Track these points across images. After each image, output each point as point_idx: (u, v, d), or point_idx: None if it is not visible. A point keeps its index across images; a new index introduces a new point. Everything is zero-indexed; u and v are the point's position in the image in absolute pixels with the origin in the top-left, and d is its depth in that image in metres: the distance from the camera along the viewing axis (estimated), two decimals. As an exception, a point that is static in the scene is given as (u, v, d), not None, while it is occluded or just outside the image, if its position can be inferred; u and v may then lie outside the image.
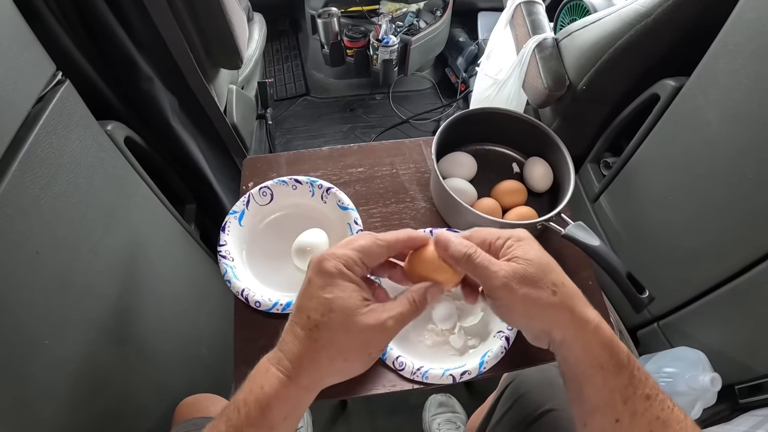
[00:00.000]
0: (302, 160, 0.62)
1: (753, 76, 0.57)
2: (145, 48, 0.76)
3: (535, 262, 0.28)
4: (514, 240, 0.30)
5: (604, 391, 0.28)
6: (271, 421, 0.26)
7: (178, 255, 0.82)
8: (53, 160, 0.51)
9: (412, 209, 0.56)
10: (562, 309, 0.28)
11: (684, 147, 0.69)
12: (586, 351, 0.28)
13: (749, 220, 0.62)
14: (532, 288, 0.28)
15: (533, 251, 0.29)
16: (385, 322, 0.27)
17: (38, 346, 0.48)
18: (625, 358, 0.28)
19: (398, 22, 1.32)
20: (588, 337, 0.28)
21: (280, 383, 0.27)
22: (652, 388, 0.28)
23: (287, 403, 0.27)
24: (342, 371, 0.28)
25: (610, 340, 0.28)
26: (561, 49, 0.81)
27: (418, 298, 0.30)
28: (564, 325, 0.28)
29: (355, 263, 0.29)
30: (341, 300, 0.27)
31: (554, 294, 0.28)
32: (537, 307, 0.28)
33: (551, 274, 0.28)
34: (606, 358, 0.28)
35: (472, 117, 0.56)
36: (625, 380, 0.27)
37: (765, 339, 0.66)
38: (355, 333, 0.27)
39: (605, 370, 0.28)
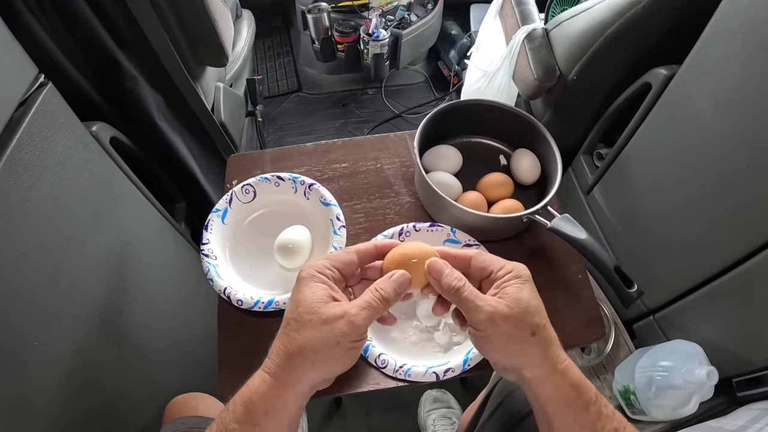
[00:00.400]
0: (286, 157, 0.61)
1: (745, 62, 0.56)
2: (128, 47, 0.76)
3: (523, 303, 0.30)
4: (513, 276, 0.31)
5: (573, 426, 0.30)
6: (253, 417, 0.28)
7: (167, 253, 0.82)
8: (38, 163, 0.51)
9: (397, 204, 0.55)
10: (538, 349, 0.30)
11: (677, 136, 0.68)
12: (556, 390, 0.30)
13: (743, 209, 0.60)
14: (513, 326, 0.29)
15: (525, 292, 0.30)
16: (349, 311, 0.29)
17: (29, 347, 0.48)
18: (593, 396, 0.30)
19: (389, 16, 1.30)
20: (557, 377, 0.30)
21: (261, 380, 0.29)
22: (619, 422, 0.30)
23: (267, 399, 0.28)
24: (316, 364, 0.29)
25: (578, 380, 0.30)
26: (551, 39, 0.80)
27: (383, 287, 0.31)
28: (536, 364, 0.30)
29: (326, 268, 0.31)
30: (307, 296, 0.30)
31: (533, 335, 0.30)
32: (514, 344, 0.30)
33: (535, 317, 0.30)
34: (574, 396, 0.30)
35: (456, 110, 0.54)
36: (593, 416, 0.29)
37: (762, 331, 0.65)
38: (319, 324, 0.29)
39: (574, 407, 0.30)
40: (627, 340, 0.88)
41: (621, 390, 0.81)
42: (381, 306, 0.30)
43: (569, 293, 0.52)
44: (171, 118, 0.85)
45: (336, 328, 0.28)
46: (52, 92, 0.55)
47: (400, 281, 0.31)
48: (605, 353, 0.86)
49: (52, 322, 0.52)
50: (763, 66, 0.54)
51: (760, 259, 0.61)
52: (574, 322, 0.50)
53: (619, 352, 0.87)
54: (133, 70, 0.76)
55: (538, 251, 0.53)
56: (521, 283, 0.31)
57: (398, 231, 0.49)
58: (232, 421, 0.28)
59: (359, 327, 0.29)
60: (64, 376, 0.52)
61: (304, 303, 0.29)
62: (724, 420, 0.71)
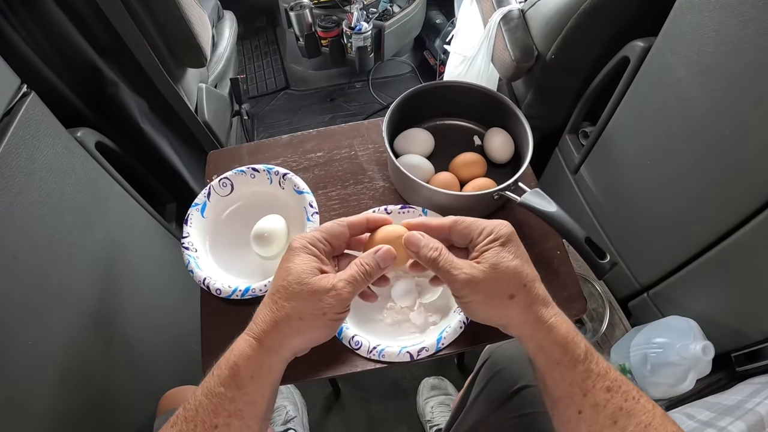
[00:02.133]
0: (263, 150, 0.61)
1: (719, 27, 0.55)
2: (108, 54, 0.77)
3: (500, 267, 0.30)
4: (492, 239, 0.31)
5: (562, 384, 0.30)
6: (239, 379, 0.29)
7: (158, 253, 0.83)
8: (24, 169, 0.53)
9: (371, 189, 0.55)
10: (517, 310, 0.30)
11: (658, 108, 0.67)
12: (541, 348, 0.30)
13: (729, 179, 0.59)
14: (489, 291, 0.30)
15: (503, 255, 0.30)
16: (336, 284, 0.30)
17: (23, 348, 0.50)
18: (582, 353, 0.29)
19: (371, 9, 1.30)
20: (541, 335, 0.30)
21: (246, 344, 0.30)
22: (613, 381, 0.29)
23: (252, 362, 0.29)
24: (300, 332, 0.30)
25: (563, 337, 0.30)
26: (527, 19, 0.79)
27: (367, 261, 0.31)
28: (518, 324, 0.31)
29: (318, 240, 0.32)
30: (297, 266, 0.30)
31: (511, 298, 0.30)
32: (493, 309, 0.31)
33: (512, 280, 0.30)
34: (560, 354, 0.29)
35: (424, 93, 0.54)
36: (583, 374, 0.29)
37: (757, 303, 0.64)
38: (307, 294, 0.29)
39: (561, 365, 0.29)
40: (622, 319, 0.88)
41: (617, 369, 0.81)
42: (365, 280, 0.31)
43: (548, 270, 0.51)
44: (155, 121, 0.86)
45: (324, 300, 0.29)
46: (36, 101, 0.57)
47: (384, 256, 0.32)
48: (600, 333, 0.85)
49: (45, 323, 0.53)
50: (738, 29, 0.53)
51: (749, 229, 0.60)
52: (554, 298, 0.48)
53: (615, 331, 0.87)
54: (114, 75, 0.78)
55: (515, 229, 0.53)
56: (500, 245, 0.31)
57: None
58: (217, 384, 0.29)
59: (345, 300, 0.30)
60: (58, 375, 0.54)
61: (294, 273, 0.30)
62: (723, 395, 0.70)
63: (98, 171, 0.72)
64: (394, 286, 0.47)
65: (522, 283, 0.30)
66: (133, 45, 0.77)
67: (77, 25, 0.72)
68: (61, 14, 0.69)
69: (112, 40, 0.76)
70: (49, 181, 0.57)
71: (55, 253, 0.57)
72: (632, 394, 0.29)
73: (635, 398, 0.29)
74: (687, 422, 0.64)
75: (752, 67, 0.52)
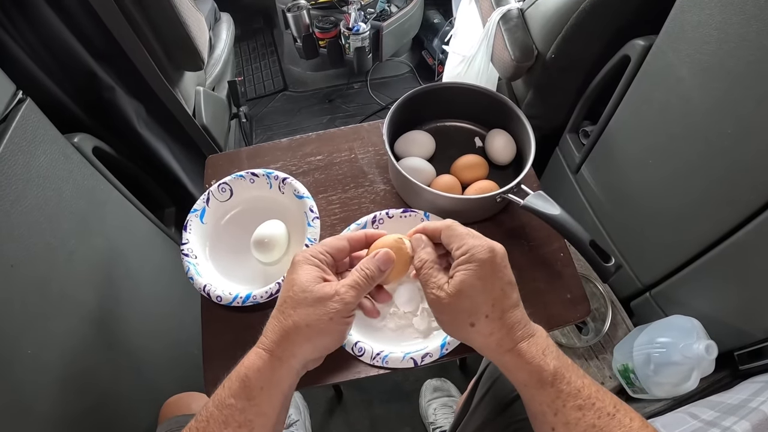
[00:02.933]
0: (262, 154, 0.61)
1: (721, 26, 0.55)
2: (104, 58, 0.77)
3: (463, 294, 0.30)
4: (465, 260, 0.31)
5: (532, 403, 0.31)
6: (249, 390, 0.29)
7: (157, 258, 0.83)
8: (21, 176, 0.53)
9: (372, 192, 0.55)
10: (477, 337, 0.31)
11: (659, 107, 0.67)
12: (507, 371, 0.31)
13: (731, 178, 0.59)
14: (451, 316, 0.31)
15: (470, 281, 0.30)
16: (338, 289, 0.31)
17: (23, 356, 0.49)
18: (549, 376, 0.29)
19: (369, 9, 1.30)
20: (505, 360, 0.30)
21: (257, 356, 0.30)
22: (586, 399, 0.29)
23: (262, 374, 0.30)
24: (309, 339, 0.30)
25: (528, 363, 0.30)
26: (527, 18, 0.78)
27: (368, 266, 0.32)
28: (480, 348, 0.32)
29: (320, 252, 0.33)
30: (301, 277, 0.31)
31: (472, 325, 0.30)
32: (456, 331, 0.32)
33: (474, 310, 0.30)
34: (525, 378, 0.30)
35: (424, 95, 0.54)
36: (552, 395, 0.29)
37: (760, 302, 0.64)
38: (312, 301, 0.30)
39: (528, 387, 0.30)
40: (625, 318, 0.87)
41: (620, 369, 0.80)
42: (367, 283, 0.32)
43: (551, 272, 0.51)
44: (152, 125, 0.86)
45: (328, 305, 0.30)
46: (31, 107, 0.56)
47: (383, 259, 0.33)
48: (603, 333, 0.85)
49: (45, 331, 0.53)
50: (739, 28, 0.52)
51: (752, 228, 0.59)
52: (558, 300, 0.50)
53: (618, 330, 0.86)
54: (110, 80, 0.77)
55: (518, 231, 0.53)
56: (472, 268, 0.30)
57: (371, 219, 0.49)
58: (228, 396, 0.29)
59: (349, 304, 0.31)
60: (59, 383, 0.54)
61: (299, 283, 0.31)
62: (726, 394, 0.69)
63: (96, 176, 0.71)
64: (397, 292, 0.46)
65: (485, 313, 0.30)
66: (129, 49, 0.76)
67: (73, 29, 0.71)
68: (57, 19, 0.69)
69: (108, 44, 0.75)
70: (46, 187, 0.57)
71: (53, 261, 0.57)
72: (607, 410, 0.29)
73: (610, 414, 0.29)
74: (691, 422, 0.64)
75: (754, 65, 0.51)
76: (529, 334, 0.31)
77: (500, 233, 0.52)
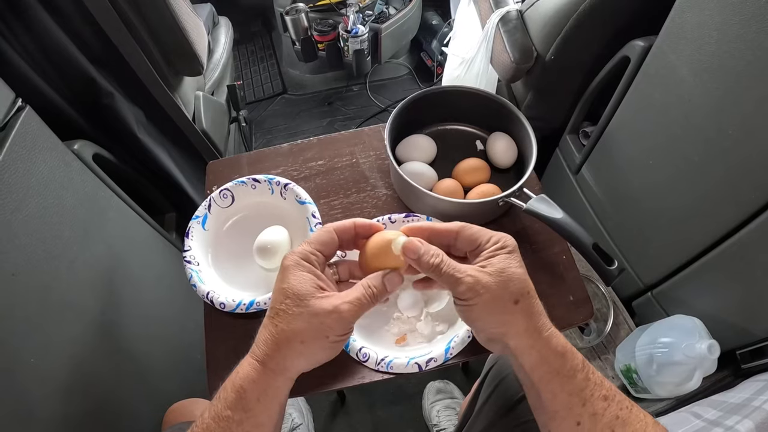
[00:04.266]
0: (263, 159, 0.61)
1: (721, 26, 0.55)
2: (102, 64, 0.76)
3: (507, 272, 0.30)
4: (499, 247, 0.31)
5: (562, 395, 0.29)
6: (245, 402, 0.29)
7: (158, 263, 0.82)
8: (21, 184, 0.52)
9: (373, 197, 0.55)
10: (521, 317, 0.30)
11: (659, 108, 0.67)
12: (541, 357, 0.30)
13: (732, 178, 0.59)
14: (496, 294, 0.29)
15: (510, 262, 0.30)
16: (339, 306, 0.29)
17: (25, 365, 0.49)
18: (580, 362, 0.29)
19: (367, 11, 1.30)
20: (542, 344, 0.30)
21: (251, 367, 0.29)
22: (609, 390, 0.29)
23: (258, 385, 0.29)
24: (302, 354, 0.29)
25: (563, 347, 0.30)
26: (526, 20, 0.79)
27: (375, 284, 0.31)
28: (519, 332, 0.30)
29: (311, 253, 0.31)
30: (295, 287, 0.29)
31: (516, 303, 0.29)
32: (497, 313, 0.30)
33: (519, 285, 0.30)
34: (560, 363, 0.29)
35: (425, 98, 0.54)
36: (582, 383, 0.29)
37: (761, 302, 0.64)
38: (308, 316, 0.29)
39: (561, 375, 0.29)
40: (627, 319, 0.87)
41: (623, 369, 0.80)
42: (370, 303, 0.30)
43: (554, 275, 0.51)
44: (152, 131, 0.86)
45: (325, 323, 0.29)
46: (31, 115, 0.56)
47: (394, 282, 0.31)
48: (605, 333, 0.85)
49: (47, 339, 0.53)
50: (739, 28, 0.52)
51: (753, 227, 0.59)
52: (561, 303, 0.50)
53: (620, 331, 0.86)
54: (109, 86, 0.77)
55: (520, 235, 0.53)
56: (507, 253, 0.31)
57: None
58: (224, 408, 0.29)
59: (348, 322, 0.29)
60: (62, 390, 0.54)
61: (293, 295, 0.29)
62: (729, 393, 0.70)
63: (96, 183, 0.71)
64: (400, 297, 0.46)
65: (526, 290, 0.30)
66: (128, 54, 0.76)
67: (71, 35, 0.71)
68: (54, 25, 0.69)
69: (106, 50, 0.75)
70: (46, 195, 0.57)
71: (55, 269, 0.57)
72: (625, 403, 0.29)
73: (628, 407, 0.29)
74: (694, 421, 0.64)
75: (754, 65, 0.51)
76: (551, 323, 0.31)
77: (503, 237, 0.52)
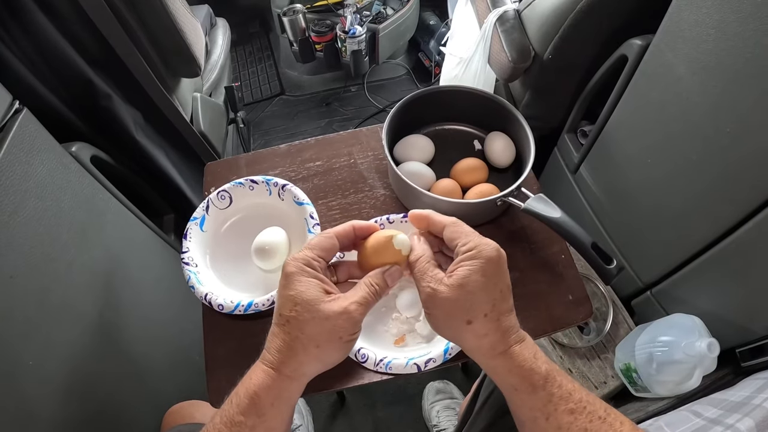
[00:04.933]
0: (261, 160, 0.61)
1: (718, 24, 0.55)
2: (100, 66, 0.76)
3: (465, 288, 0.29)
4: (469, 256, 0.30)
5: (523, 409, 0.30)
6: (259, 408, 0.29)
7: (157, 265, 0.82)
8: (19, 187, 0.52)
9: (372, 198, 0.55)
10: (470, 337, 0.30)
11: (657, 106, 0.67)
12: (496, 376, 0.30)
13: (731, 176, 0.59)
14: (448, 311, 0.29)
15: (474, 277, 0.29)
16: (348, 307, 0.29)
17: (24, 367, 0.49)
18: (540, 379, 0.29)
19: (365, 12, 1.30)
20: (495, 364, 0.30)
21: (265, 374, 0.30)
22: (577, 403, 0.29)
23: (272, 391, 0.29)
24: (318, 358, 0.30)
25: (519, 366, 0.29)
26: (523, 19, 0.79)
27: (376, 281, 0.31)
28: (471, 350, 0.30)
29: (313, 259, 0.31)
30: (303, 294, 0.30)
31: (468, 323, 0.29)
32: (449, 329, 0.31)
33: (476, 305, 0.29)
34: (516, 381, 0.29)
35: (423, 98, 0.54)
36: (543, 399, 0.29)
37: (760, 299, 0.64)
38: (320, 321, 0.29)
39: (519, 391, 0.29)
40: (626, 318, 0.87)
41: (622, 368, 0.80)
42: (374, 299, 0.31)
43: (553, 274, 0.51)
44: (150, 132, 0.85)
45: (338, 325, 0.29)
46: (28, 117, 0.56)
47: (394, 276, 0.32)
48: (604, 332, 0.85)
49: (46, 341, 0.53)
50: (737, 26, 0.52)
51: (752, 225, 0.59)
52: (560, 302, 0.50)
53: (619, 330, 0.86)
54: (107, 87, 0.77)
55: (518, 234, 0.53)
56: (478, 264, 0.29)
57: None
58: (237, 413, 0.29)
59: (357, 321, 0.30)
60: (61, 393, 0.54)
61: (302, 301, 0.29)
62: (729, 391, 0.69)
63: (94, 185, 0.71)
64: (399, 297, 0.46)
65: (484, 312, 0.29)
66: (125, 56, 0.76)
67: (68, 37, 0.71)
68: (51, 26, 0.68)
69: (104, 51, 0.75)
70: (44, 198, 0.57)
71: (53, 272, 0.57)
72: (598, 414, 0.29)
73: (601, 417, 0.28)
74: (694, 420, 0.64)
75: (752, 63, 0.51)
76: (520, 339, 0.30)
77: (501, 236, 0.52)
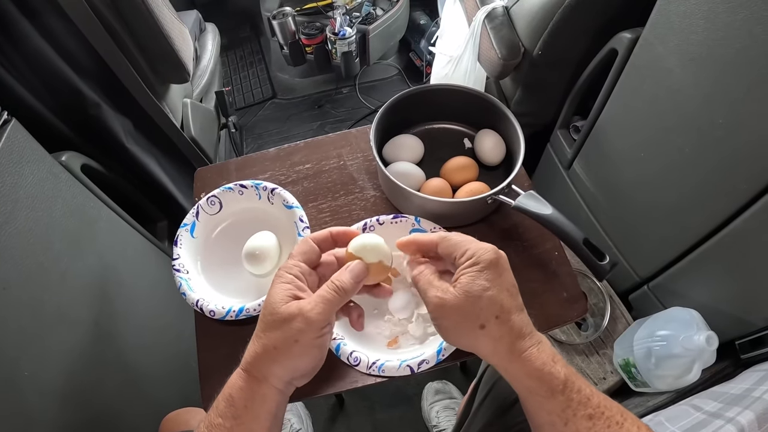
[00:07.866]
0: (250, 164, 0.60)
1: (708, 15, 0.54)
2: (88, 75, 0.76)
3: (473, 294, 0.29)
4: (471, 263, 0.30)
5: (541, 412, 0.29)
6: (234, 410, 0.30)
7: (151, 272, 0.82)
8: (9, 198, 0.52)
9: (362, 199, 0.54)
10: (487, 342, 0.29)
11: (649, 99, 0.66)
12: (514, 379, 0.30)
13: (725, 168, 0.59)
14: (460, 318, 0.29)
15: (479, 282, 0.29)
16: (303, 307, 0.29)
17: (21, 377, 0.49)
18: (560, 384, 0.29)
19: (354, 13, 1.29)
20: (514, 367, 0.29)
21: (238, 376, 0.31)
22: (595, 408, 0.28)
23: (244, 392, 0.30)
24: (277, 361, 0.30)
25: (538, 369, 0.29)
26: (512, 16, 0.78)
27: (338, 277, 0.31)
28: (487, 355, 0.30)
29: (292, 265, 0.32)
30: (269, 298, 0.31)
31: (482, 327, 0.29)
32: (462, 337, 0.30)
33: (486, 309, 0.29)
34: (535, 385, 0.29)
35: (410, 98, 0.53)
36: (562, 404, 0.28)
37: (758, 291, 0.64)
38: (278, 323, 0.30)
39: (537, 395, 0.29)
40: (624, 313, 0.87)
41: (621, 363, 0.80)
42: (338, 297, 0.30)
43: (547, 272, 0.50)
44: (140, 140, 0.85)
45: (293, 327, 0.29)
46: (17, 128, 0.56)
47: (356, 271, 0.32)
48: (602, 328, 0.85)
49: (41, 351, 0.53)
50: (726, 16, 0.52)
51: (748, 216, 0.59)
52: (555, 300, 0.49)
53: (617, 325, 0.86)
54: (96, 96, 0.76)
55: (510, 232, 0.52)
56: (478, 271, 0.29)
57: (362, 226, 0.48)
58: (216, 416, 0.30)
59: (315, 323, 0.29)
60: (58, 401, 0.53)
61: (268, 304, 0.31)
62: (729, 384, 0.69)
63: (85, 194, 0.71)
64: (390, 299, 0.46)
65: (494, 314, 0.29)
66: (113, 64, 0.76)
67: (56, 47, 0.70)
68: (39, 37, 0.68)
69: (92, 60, 0.74)
70: (35, 208, 0.57)
71: (47, 281, 0.56)
72: (616, 419, 0.28)
73: (619, 423, 0.28)
74: (694, 414, 0.63)
75: (743, 53, 0.51)
76: (537, 341, 0.30)
77: (493, 234, 0.52)
